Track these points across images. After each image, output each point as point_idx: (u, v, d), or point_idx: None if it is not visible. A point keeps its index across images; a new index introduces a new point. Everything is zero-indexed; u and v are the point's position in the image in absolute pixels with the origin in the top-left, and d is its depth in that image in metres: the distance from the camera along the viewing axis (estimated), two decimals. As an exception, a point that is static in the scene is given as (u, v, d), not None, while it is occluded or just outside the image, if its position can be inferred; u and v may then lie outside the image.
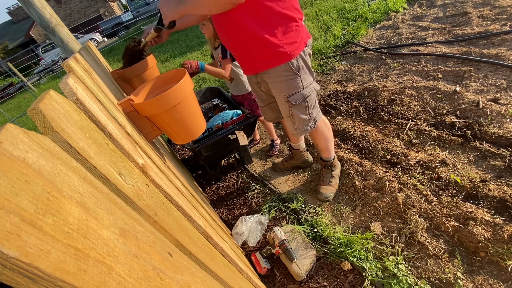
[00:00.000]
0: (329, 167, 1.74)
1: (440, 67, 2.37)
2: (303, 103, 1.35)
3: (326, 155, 1.71)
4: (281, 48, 1.19)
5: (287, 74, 1.27)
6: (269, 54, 1.21)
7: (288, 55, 1.21)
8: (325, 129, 1.58)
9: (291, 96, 1.33)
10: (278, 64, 1.24)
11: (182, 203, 0.82)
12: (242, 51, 1.28)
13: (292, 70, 1.26)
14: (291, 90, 1.32)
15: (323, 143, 1.63)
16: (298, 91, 1.32)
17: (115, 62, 8.18)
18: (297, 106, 1.36)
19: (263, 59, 1.25)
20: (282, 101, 1.37)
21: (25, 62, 16.47)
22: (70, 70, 0.65)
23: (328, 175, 1.74)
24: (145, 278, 0.39)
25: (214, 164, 2.10)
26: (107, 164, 0.48)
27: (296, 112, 1.38)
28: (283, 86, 1.31)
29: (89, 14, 25.81)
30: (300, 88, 1.31)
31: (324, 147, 1.65)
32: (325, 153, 1.69)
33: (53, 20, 1.49)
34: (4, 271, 0.21)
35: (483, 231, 1.22)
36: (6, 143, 0.26)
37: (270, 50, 1.19)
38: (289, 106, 1.37)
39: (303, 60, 1.27)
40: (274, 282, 1.39)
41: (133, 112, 1.03)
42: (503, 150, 1.54)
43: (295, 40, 1.20)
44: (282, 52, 1.20)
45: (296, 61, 1.24)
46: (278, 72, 1.28)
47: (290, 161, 1.98)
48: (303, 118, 1.40)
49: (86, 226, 0.32)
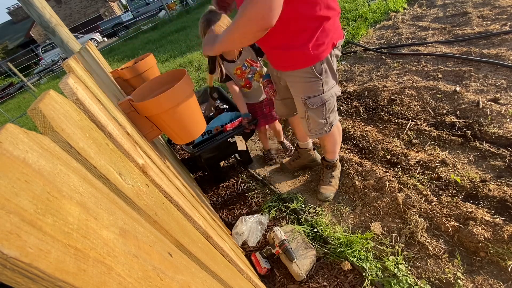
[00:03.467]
0: (330, 167, 1.72)
1: (440, 67, 2.37)
2: (321, 107, 1.29)
3: (331, 157, 1.68)
4: (306, 50, 1.11)
5: (308, 76, 1.21)
6: (292, 57, 1.16)
7: (312, 58, 1.14)
8: (336, 133, 1.52)
9: (309, 99, 1.27)
10: (301, 67, 1.18)
11: (182, 203, 0.82)
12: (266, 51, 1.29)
13: (314, 73, 1.19)
14: (309, 93, 1.25)
15: (331, 146, 1.58)
16: (317, 94, 1.25)
17: (115, 62, 8.18)
18: (314, 110, 1.30)
19: (285, 61, 1.21)
20: (300, 102, 1.32)
21: (25, 62, 16.46)
22: (70, 70, 0.65)
23: (329, 175, 1.72)
24: (145, 278, 0.39)
25: (214, 166, 2.09)
26: (107, 164, 0.48)
27: (312, 115, 1.33)
28: (302, 87, 1.26)
29: (89, 14, 25.81)
30: (320, 91, 1.24)
31: (331, 149, 1.61)
32: (330, 155, 1.66)
33: (53, 20, 1.49)
34: (4, 271, 0.21)
35: (483, 231, 1.22)
36: (6, 143, 0.26)
37: (294, 53, 1.14)
38: (306, 108, 1.31)
39: (328, 63, 1.19)
40: (274, 282, 1.39)
41: (133, 112, 1.03)
42: (503, 150, 1.54)
43: (323, 41, 1.11)
44: (306, 55, 1.13)
45: (320, 64, 1.16)
46: (298, 73, 1.22)
47: (297, 160, 1.95)
48: (319, 122, 1.35)
49: (86, 226, 0.32)
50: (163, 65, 5.78)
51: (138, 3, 17.41)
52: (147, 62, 1.72)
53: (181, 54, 6.09)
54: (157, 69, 1.83)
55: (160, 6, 15.27)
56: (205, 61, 4.94)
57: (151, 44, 8.87)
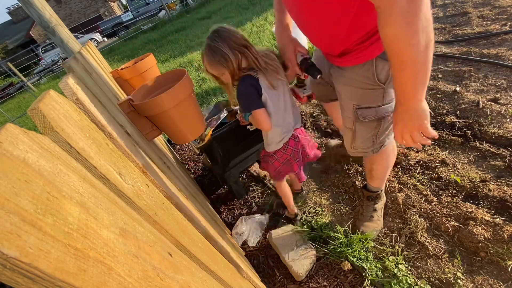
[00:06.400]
0: (373, 199, 1.41)
1: (440, 67, 2.37)
2: (374, 122, 1.04)
3: (376, 184, 1.37)
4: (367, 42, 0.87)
5: (366, 82, 0.96)
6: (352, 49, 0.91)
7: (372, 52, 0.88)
8: (390, 156, 1.23)
9: (361, 109, 1.03)
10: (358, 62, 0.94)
11: (182, 203, 0.82)
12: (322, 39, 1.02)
13: (374, 78, 0.93)
14: (364, 102, 1.01)
15: (380, 171, 1.28)
16: (373, 105, 1.00)
17: (115, 62, 8.17)
18: (364, 124, 1.06)
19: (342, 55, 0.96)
20: (350, 109, 1.07)
21: (25, 62, 16.46)
22: (70, 70, 0.65)
23: (370, 209, 1.42)
24: (145, 278, 0.39)
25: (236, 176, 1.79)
26: (107, 164, 0.48)
27: (360, 130, 1.09)
28: (356, 93, 1.01)
29: (89, 14, 25.82)
30: (378, 103, 1.00)
31: (379, 175, 1.31)
32: (376, 182, 1.35)
33: (53, 20, 1.49)
34: (4, 271, 0.21)
35: (483, 231, 1.22)
36: (6, 143, 0.26)
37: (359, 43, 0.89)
38: (355, 119, 1.07)
39: None
40: (274, 282, 1.39)
41: (133, 112, 1.03)
42: (503, 150, 1.54)
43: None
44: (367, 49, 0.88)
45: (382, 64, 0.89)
46: (356, 73, 0.97)
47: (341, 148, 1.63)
48: (367, 140, 1.11)
49: (86, 226, 0.32)
50: (163, 65, 5.78)
51: (138, 3, 17.42)
52: (147, 62, 1.72)
53: (181, 54, 6.09)
54: (157, 69, 1.83)
55: (160, 6, 15.27)
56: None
57: (151, 44, 8.87)
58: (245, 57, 1.05)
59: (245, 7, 8.19)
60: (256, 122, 1.15)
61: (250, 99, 1.09)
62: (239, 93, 1.11)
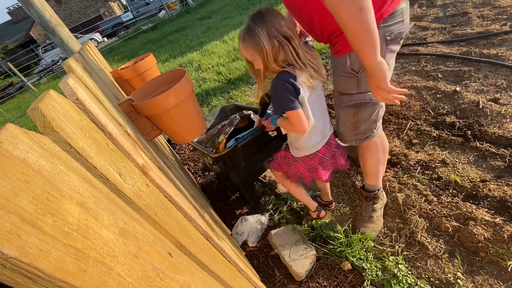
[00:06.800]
0: (371, 199, 1.41)
1: (440, 67, 2.37)
2: (352, 110, 1.10)
3: (372, 182, 1.37)
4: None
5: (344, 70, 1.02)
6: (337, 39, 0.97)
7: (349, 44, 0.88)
8: (379, 150, 1.25)
9: (342, 95, 1.11)
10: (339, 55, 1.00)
11: (182, 203, 0.81)
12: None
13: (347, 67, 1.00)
14: (343, 89, 1.09)
15: (372, 165, 1.29)
16: (349, 92, 1.07)
17: (115, 62, 8.18)
18: (343, 109, 1.13)
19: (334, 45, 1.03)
20: (336, 95, 1.16)
21: (25, 62, 16.47)
22: (70, 70, 0.65)
23: (369, 209, 1.41)
24: (145, 278, 0.39)
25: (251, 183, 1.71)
26: (107, 164, 0.48)
27: (341, 115, 1.16)
28: (338, 80, 1.09)
29: (89, 14, 25.83)
30: (353, 91, 1.05)
31: (373, 171, 1.32)
32: (371, 179, 1.36)
33: (53, 20, 1.49)
34: (4, 271, 0.21)
35: (483, 231, 1.22)
36: (6, 143, 0.26)
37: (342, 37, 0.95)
38: (338, 105, 1.16)
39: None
40: (274, 282, 1.39)
41: (133, 112, 1.03)
42: (503, 150, 1.54)
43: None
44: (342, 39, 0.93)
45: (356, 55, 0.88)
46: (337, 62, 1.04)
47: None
48: (348, 128, 1.17)
49: (86, 226, 0.32)
50: (163, 65, 5.78)
51: (138, 3, 17.42)
52: (147, 62, 1.72)
53: (181, 54, 6.09)
54: (157, 69, 1.83)
55: (160, 6, 15.28)
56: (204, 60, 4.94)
57: (151, 44, 8.87)
58: (284, 50, 0.95)
59: (245, 7, 8.19)
60: (292, 124, 1.03)
61: (287, 99, 0.98)
62: (274, 91, 1.00)
